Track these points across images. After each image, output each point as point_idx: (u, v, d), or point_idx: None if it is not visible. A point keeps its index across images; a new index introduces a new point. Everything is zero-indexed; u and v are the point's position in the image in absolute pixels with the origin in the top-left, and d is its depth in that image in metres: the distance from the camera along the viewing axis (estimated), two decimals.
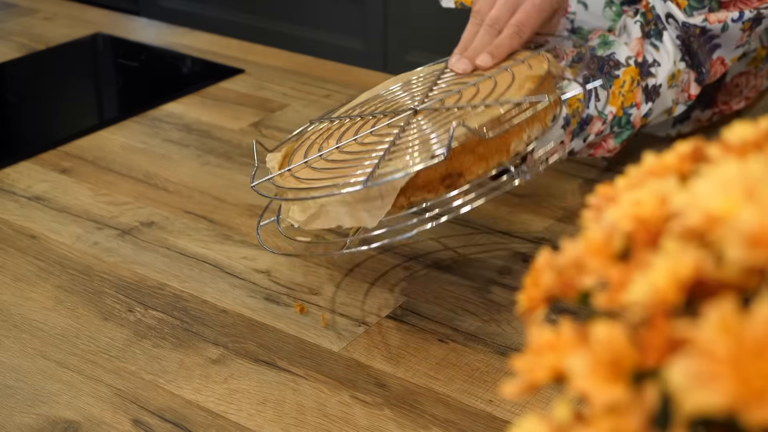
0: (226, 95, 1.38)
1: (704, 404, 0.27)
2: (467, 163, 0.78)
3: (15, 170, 1.16)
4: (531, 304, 0.37)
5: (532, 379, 0.32)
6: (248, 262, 0.97)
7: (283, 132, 1.25)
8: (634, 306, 0.31)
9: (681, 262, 0.31)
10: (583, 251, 0.35)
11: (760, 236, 0.29)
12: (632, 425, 0.29)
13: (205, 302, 0.91)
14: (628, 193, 0.35)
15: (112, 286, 0.93)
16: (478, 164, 0.79)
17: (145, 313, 0.89)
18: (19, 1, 1.79)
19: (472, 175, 0.79)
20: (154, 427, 0.75)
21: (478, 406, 0.77)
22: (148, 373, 0.81)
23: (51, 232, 1.03)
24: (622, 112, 1.00)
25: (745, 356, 0.27)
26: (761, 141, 0.35)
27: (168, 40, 1.61)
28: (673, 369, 0.28)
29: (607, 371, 0.30)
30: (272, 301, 0.91)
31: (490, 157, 0.79)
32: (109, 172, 1.16)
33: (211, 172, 1.15)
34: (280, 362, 0.82)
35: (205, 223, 1.04)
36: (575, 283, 0.35)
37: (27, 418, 0.76)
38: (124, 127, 1.28)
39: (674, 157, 0.37)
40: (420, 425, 0.75)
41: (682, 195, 0.33)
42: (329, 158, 0.84)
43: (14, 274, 0.96)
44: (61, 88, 1.47)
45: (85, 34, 1.63)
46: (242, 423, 0.75)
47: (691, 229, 0.31)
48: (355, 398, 0.78)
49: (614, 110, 1.00)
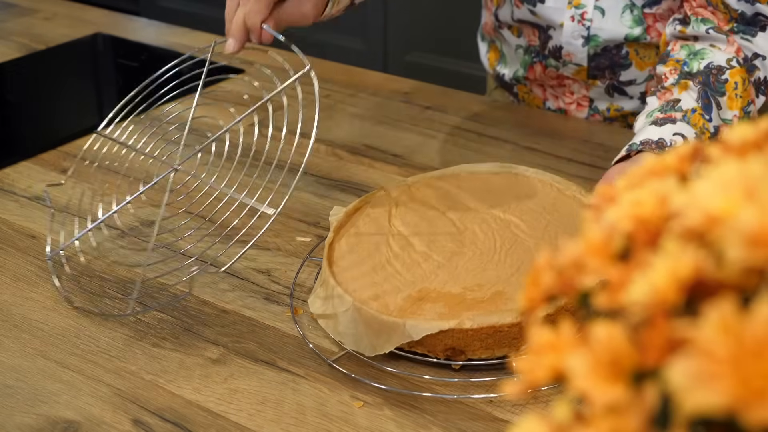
0: (226, 95, 1.38)
1: (704, 404, 0.27)
2: (474, 347, 0.79)
3: (15, 170, 1.16)
4: (531, 304, 0.36)
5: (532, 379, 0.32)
6: (248, 262, 0.97)
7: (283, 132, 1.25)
8: (634, 306, 0.31)
9: (681, 262, 0.31)
10: (583, 251, 0.35)
11: (760, 236, 0.29)
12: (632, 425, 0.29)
13: (205, 302, 0.91)
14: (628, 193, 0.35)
15: (112, 286, 0.93)
16: (483, 351, 0.79)
17: (145, 313, 0.89)
18: (19, 1, 1.79)
19: (474, 355, 0.80)
20: (154, 427, 0.75)
21: (478, 406, 0.77)
22: (148, 373, 0.81)
23: (51, 232, 1.03)
24: (743, 113, 1.01)
25: (745, 356, 0.27)
26: (761, 141, 0.35)
27: (168, 40, 1.61)
28: (673, 369, 0.28)
29: (607, 371, 0.30)
30: (272, 301, 0.91)
31: (498, 349, 0.79)
32: (108, 171, 1.16)
33: (211, 172, 1.15)
34: (280, 362, 0.82)
35: (205, 224, 1.04)
36: (575, 283, 0.35)
37: (27, 418, 0.76)
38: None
39: (674, 157, 0.37)
40: (420, 425, 0.75)
41: (682, 195, 0.33)
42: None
43: (14, 274, 0.96)
44: (61, 88, 1.47)
45: (85, 34, 1.63)
46: (242, 423, 0.75)
47: (691, 229, 0.31)
48: (355, 398, 0.78)
49: (737, 113, 1.00)
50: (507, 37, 1.31)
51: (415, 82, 1.40)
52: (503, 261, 0.87)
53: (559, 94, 1.31)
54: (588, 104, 1.29)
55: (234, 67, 1.47)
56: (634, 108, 1.27)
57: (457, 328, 0.78)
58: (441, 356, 0.80)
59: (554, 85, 1.30)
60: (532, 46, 1.28)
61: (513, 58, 1.33)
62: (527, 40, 1.28)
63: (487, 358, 0.80)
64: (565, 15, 1.20)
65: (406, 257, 0.89)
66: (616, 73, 1.24)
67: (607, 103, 1.28)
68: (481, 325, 0.78)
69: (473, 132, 1.25)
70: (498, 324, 0.78)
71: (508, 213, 0.94)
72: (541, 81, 1.31)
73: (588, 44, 1.21)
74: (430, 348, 0.79)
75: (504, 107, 1.34)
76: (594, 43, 1.20)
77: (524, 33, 1.28)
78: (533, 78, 1.31)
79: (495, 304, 0.82)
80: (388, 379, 0.80)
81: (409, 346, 0.80)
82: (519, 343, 0.79)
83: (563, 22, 1.20)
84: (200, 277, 0.94)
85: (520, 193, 0.96)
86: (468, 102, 1.35)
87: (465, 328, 0.78)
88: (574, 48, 1.22)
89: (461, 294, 0.83)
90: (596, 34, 1.19)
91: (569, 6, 1.19)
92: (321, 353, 0.83)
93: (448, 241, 0.90)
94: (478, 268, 0.87)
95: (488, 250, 0.89)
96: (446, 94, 1.37)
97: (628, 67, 1.23)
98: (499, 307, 0.81)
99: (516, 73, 1.33)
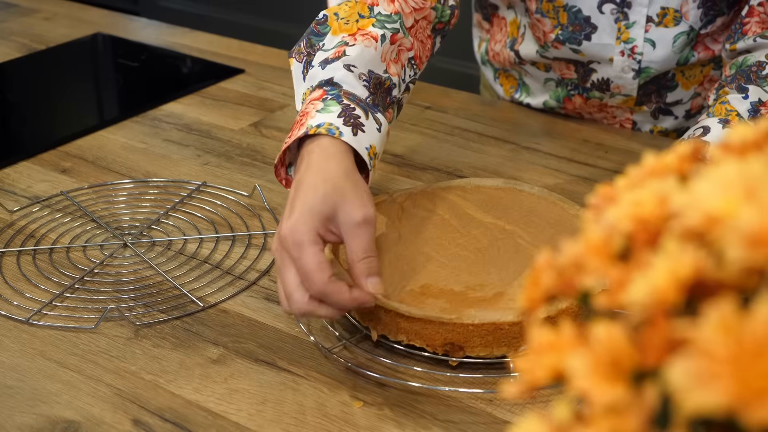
0: (226, 95, 1.38)
1: (704, 404, 0.27)
2: (473, 343, 0.79)
3: (15, 170, 1.16)
4: (531, 304, 0.36)
5: (532, 379, 0.32)
6: (248, 262, 0.97)
7: (283, 132, 1.25)
8: (634, 306, 0.31)
9: (681, 262, 0.31)
10: (583, 251, 0.35)
11: (760, 236, 0.29)
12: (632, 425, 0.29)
13: (205, 302, 0.91)
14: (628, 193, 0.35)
15: (112, 286, 0.93)
16: (481, 348, 0.80)
17: (146, 312, 0.89)
18: (19, 1, 1.79)
19: (473, 352, 0.80)
20: (154, 427, 0.75)
21: (478, 406, 0.77)
22: (148, 373, 0.81)
23: (51, 232, 1.03)
24: None
25: (745, 356, 0.27)
26: (761, 141, 0.35)
27: (168, 40, 1.61)
28: (673, 369, 0.28)
29: (607, 371, 0.30)
30: (272, 301, 0.91)
31: (497, 348, 0.80)
32: (109, 172, 1.16)
33: (211, 172, 1.15)
34: (280, 362, 0.82)
35: (206, 224, 1.04)
36: (575, 283, 0.35)
37: (27, 418, 0.76)
38: (124, 127, 1.28)
39: (674, 157, 0.37)
40: (420, 425, 0.75)
41: (682, 195, 0.33)
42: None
43: (14, 274, 0.96)
44: (61, 88, 1.47)
45: (85, 34, 1.63)
46: (242, 423, 0.75)
47: (691, 229, 0.31)
48: (355, 398, 0.78)
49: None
50: (532, 72, 1.28)
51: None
52: (506, 265, 0.87)
53: (599, 119, 1.28)
54: (631, 126, 1.27)
55: (234, 67, 1.47)
56: (676, 126, 1.25)
57: (458, 322, 0.78)
58: (440, 351, 0.80)
59: (594, 111, 1.27)
60: (567, 79, 1.25)
61: (539, 90, 1.30)
62: (559, 74, 1.25)
63: (485, 357, 0.80)
64: (614, 50, 1.17)
65: (409, 257, 0.89)
66: (662, 96, 1.22)
67: (650, 125, 1.26)
68: (482, 321, 0.78)
69: (473, 132, 1.25)
70: (499, 321, 0.78)
71: (512, 224, 0.94)
72: (581, 110, 1.28)
73: (639, 76, 1.18)
74: (429, 341, 0.80)
75: (504, 107, 1.34)
76: (645, 74, 1.18)
77: (554, 68, 1.25)
78: (571, 108, 1.28)
79: (497, 303, 0.82)
80: (388, 379, 0.80)
81: (409, 339, 0.81)
82: (518, 343, 0.79)
83: (612, 57, 1.17)
84: (200, 277, 0.94)
85: (523, 208, 0.96)
86: (468, 102, 1.35)
87: (466, 323, 0.78)
88: (624, 81, 1.19)
89: (463, 292, 0.84)
90: (648, 66, 1.17)
91: (618, 42, 1.16)
92: (321, 353, 0.83)
93: (452, 245, 0.91)
94: (482, 270, 0.87)
95: (491, 255, 0.89)
96: (446, 94, 1.37)
97: (674, 89, 1.21)
98: (500, 306, 0.81)
99: (547, 104, 1.30)
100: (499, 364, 0.81)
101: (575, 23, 1.17)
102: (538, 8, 1.18)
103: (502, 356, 0.80)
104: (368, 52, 0.93)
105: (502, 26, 1.29)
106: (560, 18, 1.17)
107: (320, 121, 0.85)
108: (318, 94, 0.89)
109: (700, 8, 1.12)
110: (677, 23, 1.14)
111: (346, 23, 0.95)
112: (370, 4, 0.96)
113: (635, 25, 1.14)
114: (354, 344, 0.83)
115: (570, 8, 1.16)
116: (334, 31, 0.95)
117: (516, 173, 1.14)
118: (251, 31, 2.69)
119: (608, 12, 1.15)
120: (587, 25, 1.16)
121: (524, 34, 1.24)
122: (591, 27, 1.16)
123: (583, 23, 1.16)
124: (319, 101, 0.88)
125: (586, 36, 1.17)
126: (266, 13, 3.17)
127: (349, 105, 0.88)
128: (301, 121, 0.87)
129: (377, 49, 0.94)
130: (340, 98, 0.88)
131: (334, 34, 0.95)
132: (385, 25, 0.95)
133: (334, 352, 0.82)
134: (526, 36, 1.24)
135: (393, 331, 0.81)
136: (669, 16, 1.14)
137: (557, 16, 1.17)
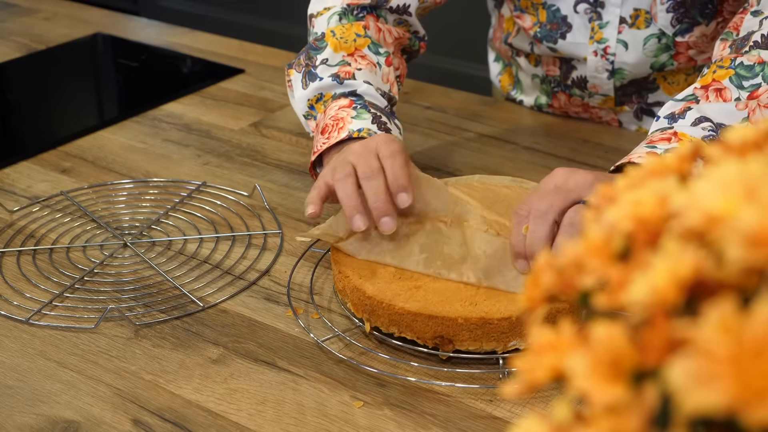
0: (226, 95, 1.38)
1: (704, 404, 0.27)
2: (462, 337, 0.80)
3: (15, 170, 1.16)
4: (531, 304, 0.36)
5: (532, 379, 0.32)
6: (248, 262, 0.97)
7: (283, 132, 1.25)
8: (634, 306, 0.31)
9: (681, 262, 0.31)
10: (583, 251, 0.35)
11: (760, 236, 0.29)
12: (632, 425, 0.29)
13: (205, 302, 0.91)
14: (628, 193, 0.35)
15: (111, 286, 0.93)
16: (471, 342, 0.81)
17: (146, 312, 0.89)
18: (19, 1, 1.79)
19: (462, 346, 0.81)
20: (154, 427, 0.75)
21: (477, 405, 0.77)
22: (148, 373, 0.81)
23: (51, 232, 1.03)
24: None
25: (745, 356, 0.27)
26: (761, 141, 0.35)
27: (168, 40, 1.61)
28: (673, 369, 0.28)
29: (607, 371, 0.30)
30: (272, 301, 0.91)
31: (486, 342, 0.81)
32: (109, 172, 1.16)
33: (211, 172, 1.15)
34: (280, 362, 0.82)
35: (206, 224, 1.04)
36: (575, 283, 0.35)
37: (27, 418, 0.76)
38: (124, 127, 1.28)
39: (674, 157, 0.37)
40: (420, 425, 0.75)
41: (682, 195, 0.33)
42: None
43: (14, 274, 0.96)
44: (61, 88, 1.47)
45: (85, 34, 1.63)
46: (242, 423, 0.75)
47: (691, 229, 0.31)
48: (355, 398, 0.78)
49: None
50: (523, 65, 1.29)
51: (415, 82, 1.40)
52: (506, 263, 0.88)
53: (586, 118, 1.29)
54: (618, 126, 1.27)
55: (234, 67, 1.47)
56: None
57: (446, 315, 0.80)
58: (430, 344, 0.81)
59: (580, 111, 1.28)
60: (551, 76, 1.26)
61: (530, 87, 1.32)
62: (545, 70, 1.26)
63: (474, 351, 0.81)
64: (587, 50, 1.18)
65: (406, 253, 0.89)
66: (643, 97, 1.22)
67: (635, 126, 1.26)
68: (471, 315, 0.79)
69: (473, 132, 1.25)
70: (488, 316, 0.79)
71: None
72: (566, 108, 1.29)
73: (613, 77, 1.19)
74: (420, 334, 0.81)
75: (504, 107, 1.34)
76: (620, 76, 1.19)
77: (542, 63, 1.26)
78: (558, 106, 1.29)
79: (488, 298, 0.83)
80: (388, 379, 0.80)
81: (400, 331, 0.82)
82: (507, 338, 0.80)
83: (586, 56, 1.18)
84: (200, 277, 0.94)
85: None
86: (468, 102, 1.35)
87: (454, 317, 0.79)
88: (599, 81, 1.20)
89: (456, 287, 0.85)
90: (621, 67, 1.17)
91: (591, 41, 1.17)
92: (321, 353, 0.83)
93: (450, 241, 0.91)
94: (477, 266, 0.87)
95: (492, 252, 0.89)
96: (446, 94, 1.37)
97: (656, 90, 1.22)
98: (492, 301, 0.82)
99: (538, 101, 1.31)
100: (497, 360, 0.81)
101: (553, 21, 1.18)
102: (517, 5, 1.21)
103: (492, 351, 0.81)
104: (374, 74, 1.06)
105: (501, 22, 1.30)
106: (540, 16, 1.19)
107: (360, 126, 0.97)
108: (346, 103, 1.01)
109: (669, 12, 1.12)
110: (648, 25, 1.14)
111: (345, 42, 1.06)
112: (364, 26, 1.08)
113: (608, 25, 1.16)
114: (347, 337, 0.84)
115: (549, 6, 1.18)
116: (334, 48, 1.06)
117: (516, 173, 1.14)
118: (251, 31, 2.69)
119: (582, 11, 1.16)
120: (563, 23, 1.18)
121: (518, 29, 1.26)
122: (567, 26, 1.18)
123: (560, 22, 1.18)
124: (349, 108, 1.00)
125: (561, 35, 1.19)
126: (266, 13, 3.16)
127: (377, 113, 1.00)
128: (338, 125, 0.98)
129: (377, 73, 1.07)
130: (367, 107, 1.00)
131: (335, 51, 1.06)
132: (379, 50, 1.08)
133: (325, 341, 0.84)
134: (519, 31, 1.26)
135: (385, 323, 0.83)
136: (641, 18, 1.15)
137: (537, 13, 1.20)
